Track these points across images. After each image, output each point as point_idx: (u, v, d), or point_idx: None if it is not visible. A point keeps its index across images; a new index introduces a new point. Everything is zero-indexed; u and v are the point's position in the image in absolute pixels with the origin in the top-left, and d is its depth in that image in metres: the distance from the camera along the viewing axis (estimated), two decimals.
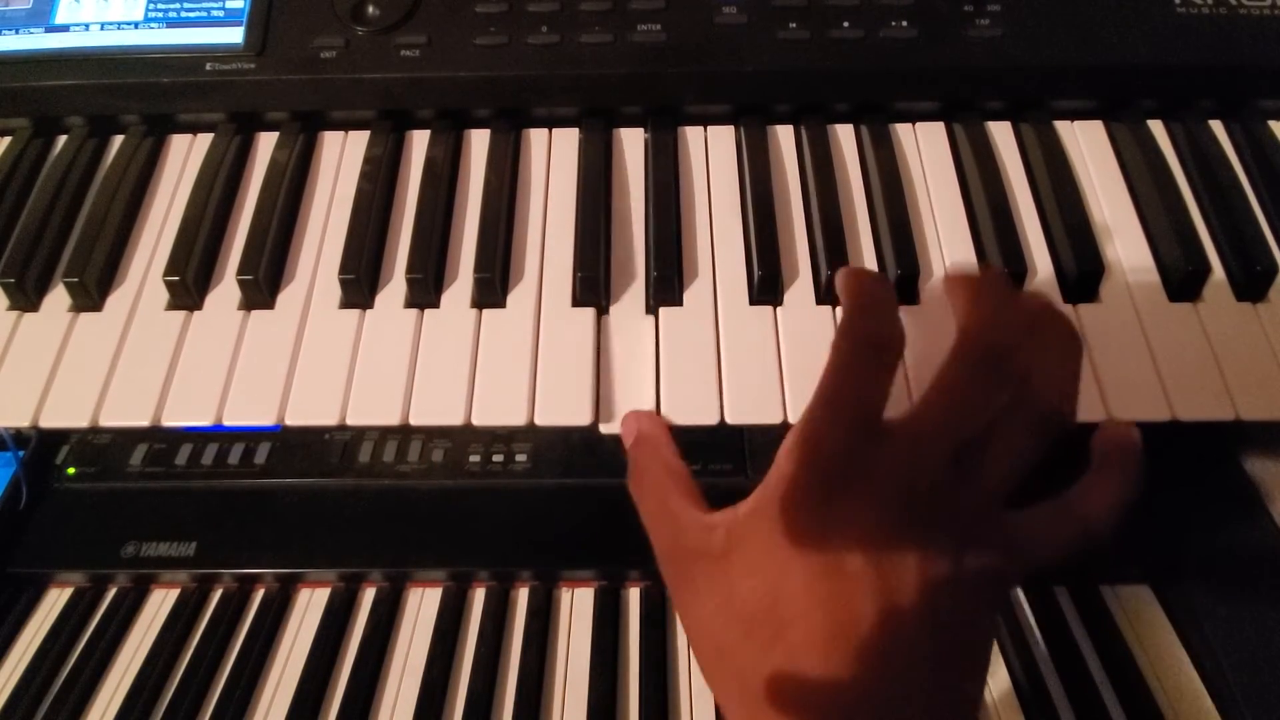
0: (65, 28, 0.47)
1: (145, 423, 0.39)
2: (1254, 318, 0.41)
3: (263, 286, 0.42)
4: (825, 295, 0.42)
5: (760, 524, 0.32)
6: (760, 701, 0.30)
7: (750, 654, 0.30)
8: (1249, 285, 0.41)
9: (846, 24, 0.46)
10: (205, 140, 0.48)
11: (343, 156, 0.47)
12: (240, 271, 0.42)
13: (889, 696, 0.29)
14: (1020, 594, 0.53)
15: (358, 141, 0.48)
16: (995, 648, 0.51)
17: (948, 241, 0.43)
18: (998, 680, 0.49)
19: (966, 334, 0.33)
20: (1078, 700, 0.48)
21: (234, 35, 0.46)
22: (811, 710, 0.29)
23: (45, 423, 0.39)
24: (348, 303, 0.42)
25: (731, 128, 0.48)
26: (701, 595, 0.32)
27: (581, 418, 0.38)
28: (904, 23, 0.46)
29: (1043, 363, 0.32)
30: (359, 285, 0.42)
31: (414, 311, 0.42)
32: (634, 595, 0.53)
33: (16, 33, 0.47)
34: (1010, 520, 0.32)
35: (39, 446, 0.60)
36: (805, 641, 0.29)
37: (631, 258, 0.43)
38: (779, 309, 0.41)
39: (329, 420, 0.39)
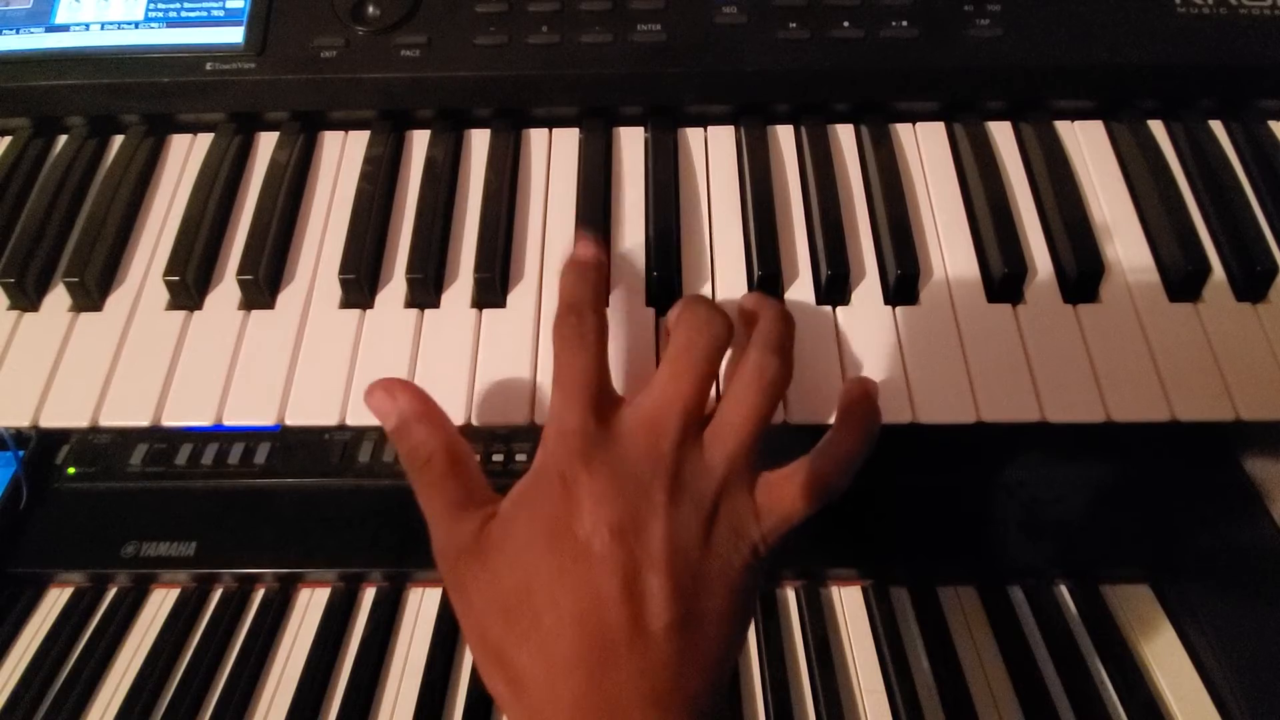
0: (65, 27, 0.47)
1: (145, 423, 0.39)
2: (1254, 318, 0.41)
3: (263, 286, 0.42)
4: (825, 295, 0.42)
5: (519, 514, 0.33)
6: (524, 690, 0.31)
7: (512, 645, 0.31)
8: (1249, 285, 0.41)
9: (846, 24, 0.46)
10: (205, 140, 0.48)
11: (343, 156, 0.47)
12: (240, 271, 0.42)
13: (639, 669, 0.30)
14: (1020, 593, 0.54)
15: (358, 141, 0.48)
16: (995, 647, 0.51)
17: (948, 241, 0.43)
18: (997, 680, 0.49)
19: (678, 306, 0.36)
20: (1078, 700, 0.48)
21: (234, 35, 0.46)
22: (567, 694, 0.30)
23: (45, 423, 0.39)
24: (348, 303, 0.42)
25: (731, 128, 0.48)
26: (475, 591, 0.33)
27: None
28: (904, 23, 0.46)
29: (761, 326, 0.35)
30: (359, 285, 0.42)
31: (414, 311, 0.42)
32: None
33: (16, 32, 0.47)
34: (757, 482, 0.34)
35: (39, 446, 0.60)
36: (556, 626, 0.30)
37: (632, 258, 0.43)
38: None
39: (329, 420, 0.39)
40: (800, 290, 0.42)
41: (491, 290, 0.42)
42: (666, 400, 0.33)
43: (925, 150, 0.47)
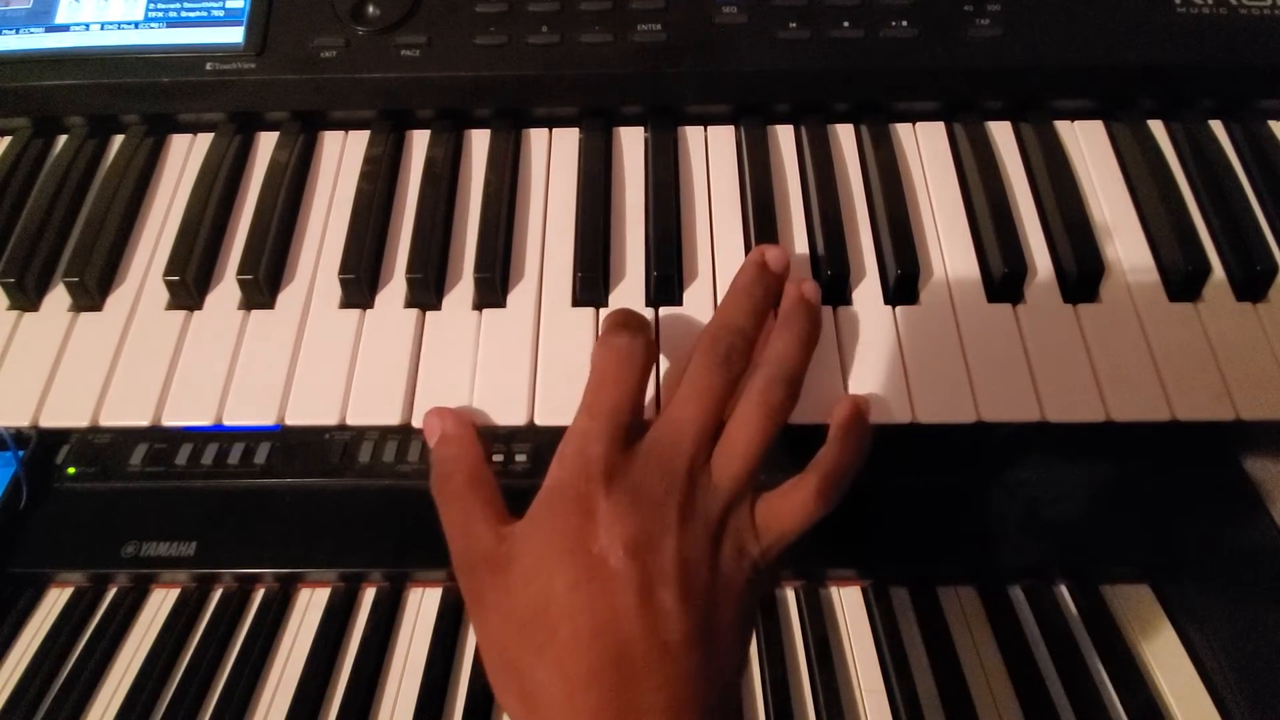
0: (66, 27, 0.47)
1: (145, 422, 0.39)
2: (1254, 318, 0.41)
3: (263, 286, 0.42)
4: (825, 295, 0.42)
5: (535, 531, 0.34)
6: (539, 704, 0.31)
7: (527, 659, 0.32)
8: (1249, 285, 0.41)
9: (846, 24, 0.46)
10: (205, 140, 0.48)
11: (343, 156, 0.47)
12: (240, 271, 0.42)
13: (655, 682, 0.30)
14: (1020, 593, 0.54)
15: (358, 141, 0.48)
16: (995, 647, 0.51)
17: (948, 241, 0.43)
18: (997, 680, 0.49)
19: (703, 334, 0.37)
20: (1078, 700, 0.48)
21: (234, 35, 0.46)
22: (585, 708, 0.30)
23: (45, 422, 0.39)
24: (348, 303, 0.42)
25: (732, 127, 0.48)
26: (489, 607, 0.34)
27: None
28: (904, 23, 0.46)
29: (776, 351, 0.36)
30: (359, 285, 0.42)
31: (414, 311, 0.42)
32: None
33: (17, 32, 0.47)
34: (756, 501, 0.35)
35: (39, 446, 0.60)
36: (572, 641, 0.31)
37: (632, 258, 0.43)
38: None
39: (329, 420, 0.39)
40: None
41: (491, 290, 0.42)
42: (682, 425, 0.34)
43: (925, 150, 0.47)
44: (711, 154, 0.47)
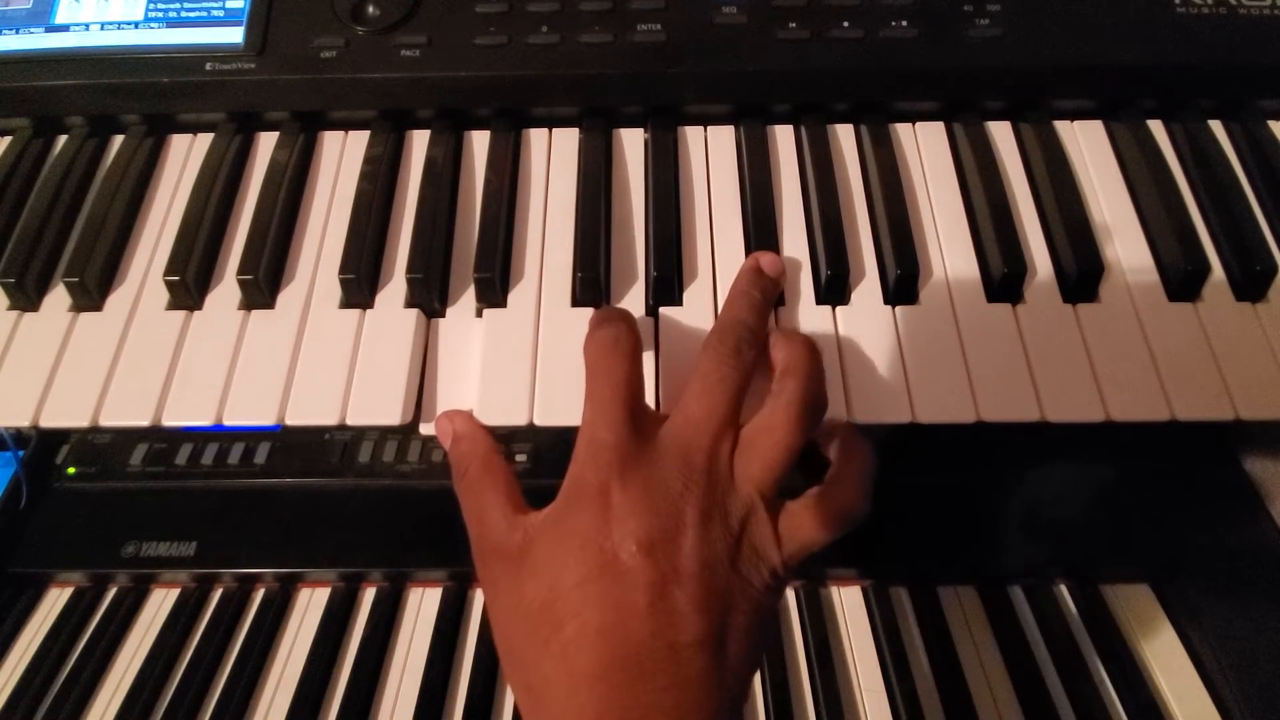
0: (65, 27, 0.47)
1: (145, 422, 0.39)
2: (1253, 317, 0.41)
3: (263, 286, 0.42)
4: (825, 295, 0.42)
5: (550, 525, 0.34)
6: (542, 699, 0.31)
7: (533, 652, 0.32)
8: (1248, 285, 0.41)
9: (846, 24, 0.46)
10: (205, 140, 0.48)
11: (343, 156, 0.47)
12: (240, 271, 0.42)
13: (662, 684, 0.30)
14: (1020, 593, 0.54)
15: (358, 141, 0.48)
16: (995, 647, 0.51)
17: (947, 241, 0.43)
18: (997, 680, 0.49)
19: (708, 336, 0.36)
20: (1078, 700, 0.48)
21: (234, 35, 0.47)
22: (589, 706, 0.30)
23: (45, 422, 0.39)
24: (348, 303, 0.42)
25: (731, 128, 0.48)
26: (500, 594, 0.34)
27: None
28: (904, 23, 0.46)
29: (794, 351, 0.36)
30: (359, 285, 0.42)
31: (414, 311, 0.42)
32: None
33: (17, 32, 0.47)
34: (780, 509, 0.34)
35: (39, 446, 0.60)
36: (577, 637, 0.31)
37: (632, 258, 0.43)
38: (780, 309, 0.41)
39: (329, 420, 0.39)
40: (801, 291, 0.42)
41: (492, 290, 0.42)
42: (697, 418, 0.34)
43: (925, 150, 0.47)
44: (711, 154, 0.47)
